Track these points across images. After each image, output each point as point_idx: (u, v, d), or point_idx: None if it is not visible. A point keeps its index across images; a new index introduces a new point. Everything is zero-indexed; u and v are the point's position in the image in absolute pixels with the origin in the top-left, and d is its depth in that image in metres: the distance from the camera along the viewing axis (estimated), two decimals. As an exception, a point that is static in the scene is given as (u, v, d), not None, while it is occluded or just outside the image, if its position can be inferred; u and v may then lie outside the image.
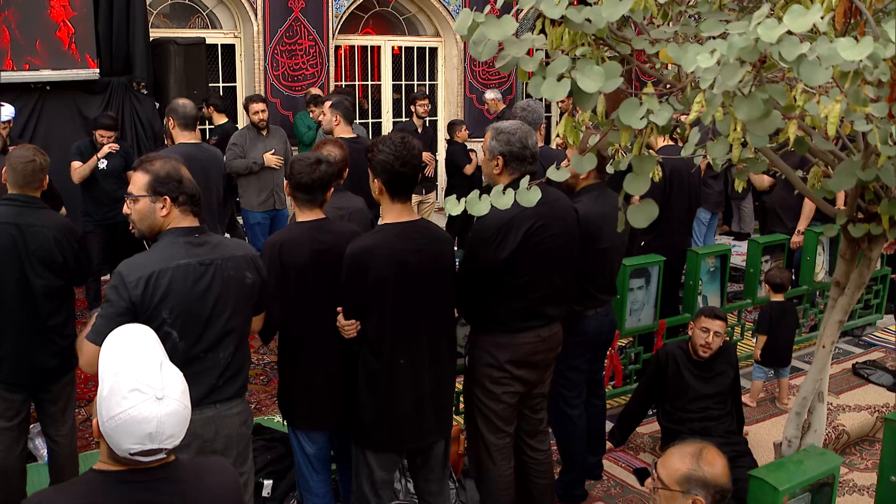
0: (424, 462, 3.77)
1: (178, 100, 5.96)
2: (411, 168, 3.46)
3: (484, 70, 12.49)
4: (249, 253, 3.33)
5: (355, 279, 3.44)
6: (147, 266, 3.03)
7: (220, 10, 10.86)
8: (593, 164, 2.45)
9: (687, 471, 2.71)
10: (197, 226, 3.20)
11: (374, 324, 3.47)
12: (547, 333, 3.87)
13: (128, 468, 2.01)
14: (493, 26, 2.14)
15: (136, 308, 2.99)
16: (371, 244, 3.46)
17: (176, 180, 3.15)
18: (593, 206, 4.20)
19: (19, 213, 4.04)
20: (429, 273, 3.50)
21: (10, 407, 4.15)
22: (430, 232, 3.61)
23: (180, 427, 2.00)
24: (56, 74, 8.77)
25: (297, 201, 3.76)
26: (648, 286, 5.68)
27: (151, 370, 2.00)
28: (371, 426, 3.58)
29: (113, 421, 1.92)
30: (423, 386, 3.55)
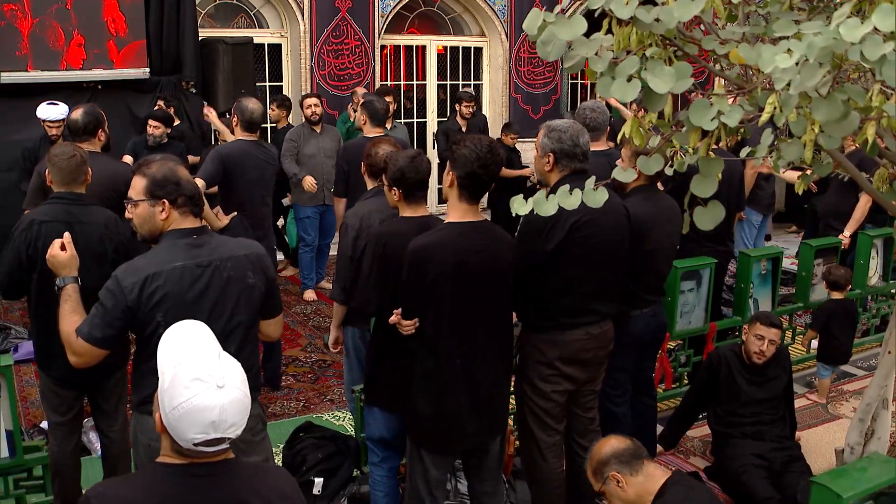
0: (480, 462, 3.76)
1: (248, 101, 5.95)
2: (488, 174, 3.43)
3: (529, 70, 12.45)
4: (254, 252, 3.24)
5: (415, 276, 3.42)
6: (142, 270, 3.01)
7: (266, 9, 10.94)
8: (660, 165, 2.43)
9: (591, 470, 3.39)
10: (197, 227, 3.15)
11: (432, 322, 3.46)
12: (597, 331, 3.86)
13: (189, 461, 2.03)
14: (562, 26, 2.13)
15: (132, 311, 2.98)
16: (432, 242, 3.45)
17: (173, 182, 3.10)
18: (642, 206, 4.19)
19: (68, 210, 4.04)
20: (488, 273, 3.48)
21: (62, 402, 4.19)
22: (492, 233, 3.59)
23: (242, 415, 2.01)
24: (107, 74, 8.89)
25: (409, 200, 3.78)
26: (699, 288, 5.62)
27: (210, 360, 2.03)
28: (427, 426, 3.58)
29: (176, 411, 1.95)
30: (479, 386, 3.54)
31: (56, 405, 4.20)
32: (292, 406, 5.88)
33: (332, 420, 5.58)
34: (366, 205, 4.31)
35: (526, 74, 12.44)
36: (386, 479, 4.07)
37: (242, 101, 5.96)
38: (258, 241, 3.71)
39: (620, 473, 3.26)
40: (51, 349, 4.10)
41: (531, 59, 12.45)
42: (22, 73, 8.49)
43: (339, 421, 5.55)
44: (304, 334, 7.35)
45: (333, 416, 5.66)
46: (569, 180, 3.66)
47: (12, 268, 4.00)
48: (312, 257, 8.37)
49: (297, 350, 6.96)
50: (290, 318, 7.75)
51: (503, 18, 12.21)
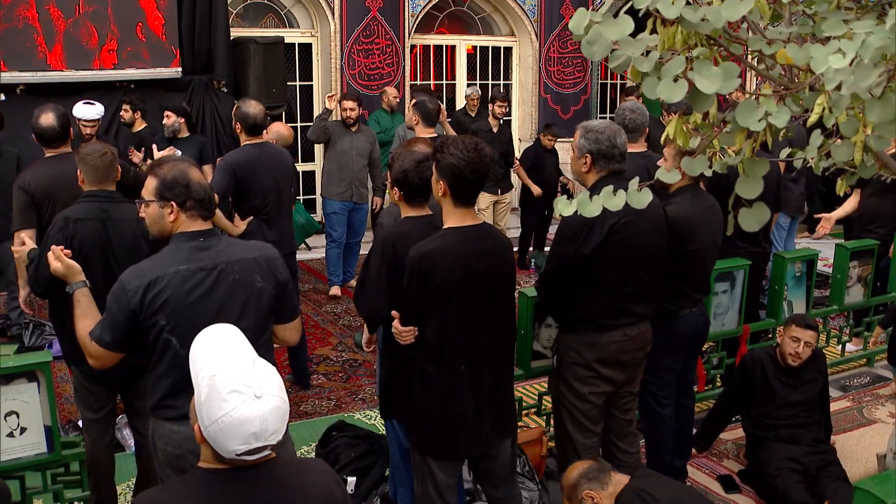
0: (489, 468, 3.67)
1: (247, 105, 5.93)
2: (480, 175, 3.35)
3: (559, 70, 12.42)
4: (264, 255, 3.20)
5: (418, 283, 3.34)
6: (146, 274, 3.00)
7: (297, 9, 10.98)
8: (704, 166, 2.41)
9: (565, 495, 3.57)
10: (204, 230, 3.13)
11: (435, 329, 3.38)
12: (635, 332, 3.84)
13: (231, 466, 2.03)
14: (609, 25, 2.11)
15: (135, 315, 2.98)
16: (435, 249, 3.36)
17: (183, 185, 3.08)
18: (687, 207, 4.17)
19: (102, 208, 4.06)
20: (493, 278, 3.42)
21: (96, 400, 4.21)
22: (493, 236, 3.53)
23: (282, 422, 1.99)
24: (139, 73, 8.96)
25: (410, 202, 3.72)
26: (733, 290, 5.58)
27: (246, 369, 2.00)
28: (430, 433, 3.51)
29: (216, 425, 1.93)
30: (483, 392, 3.46)
31: (90, 403, 4.23)
32: (323, 405, 5.89)
33: (363, 419, 5.59)
34: None
35: (555, 74, 12.41)
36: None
37: (242, 107, 5.92)
38: (276, 244, 3.70)
39: (592, 490, 3.39)
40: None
41: (561, 59, 12.42)
42: (56, 72, 8.57)
43: (371, 420, 5.56)
44: (334, 333, 7.37)
45: (365, 416, 5.66)
46: (606, 181, 3.64)
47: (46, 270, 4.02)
48: (339, 254, 8.34)
49: (327, 349, 6.98)
50: (320, 317, 7.78)
51: (533, 18, 12.19)
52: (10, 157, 6.99)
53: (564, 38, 12.39)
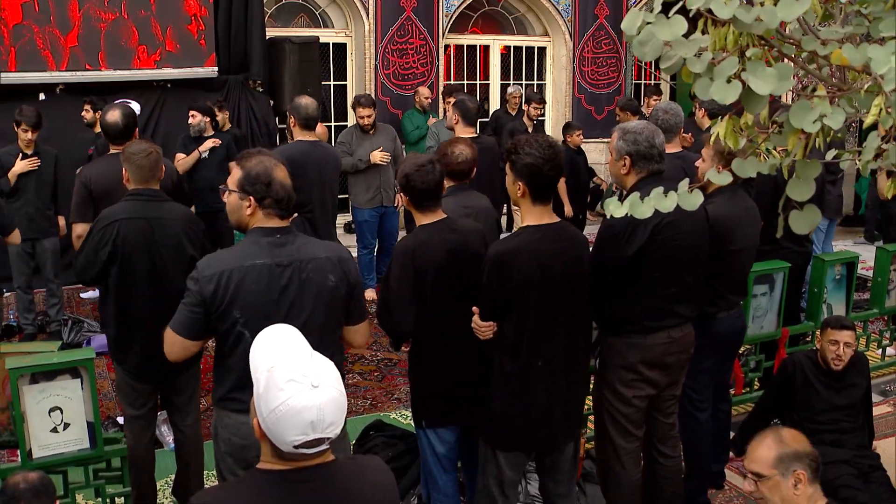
0: (554, 463, 3.75)
1: (300, 99, 6.00)
2: (558, 171, 3.43)
3: (592, 70, 12.38)
4: (336, 255, 3.23)
5: (497, 281, 3.41)
6: (222, 264, 3.04)
7: (332, 9, 11.02)
8: (755, 168, 2.38)
9: (776, 453, 2.82)
10: (281, 226, 3.15)
11: (514, 325, 3.45)
12: (679, 334, 3.82)
13: (290, 467, 2.02)
14: (662, 26, 2.10)
15: (206, 303, 3.01)
16: (515, 247, 3.44)
17: (264, 183, 3.10)
18: (726, 207, 4.15)
19: (146, 207, 4.09)
20: (570, 276, 3.48)
21: (138, 396, 4.26)
22: (570, 234, 3.59)
23: (340, 414, 1.98)
24: (176, 73, 9.05)
25: (421, 209, 3.72)
26: (772, 293, 5.53)
27: (303, 360, 2.00)
28: (503, 426, 3.58)
29: (273, 414, 1.92)
30: (558, 388, 3.53)
31: (132, 399, 4.26)
32: (359, 404, 5.90)
33: (399, 419, 5.60)
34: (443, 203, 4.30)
35: (589, 74, 12.37)
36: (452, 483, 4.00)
37: (297, 101, 5.99)
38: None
39: (806, 476, 2.93)
40: (126, 343, 4.18)
41: (595, 59, 12.38)
42: (95, 72, 8.67)
43: (406, 420, 5.56)
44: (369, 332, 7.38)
45: (400, 415, 5.67)
46: (646, 182, 3.63)
47: (89, 262, 4.07)
48: (372, 258, 8.32)
49: (362, 348, 6.99)
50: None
51: (567, 18, 12.16)
52: (48, 157, 7.07)
53: (599, 38, 12.35)
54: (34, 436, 3.79)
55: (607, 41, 12.47)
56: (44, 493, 3.05)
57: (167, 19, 8.90)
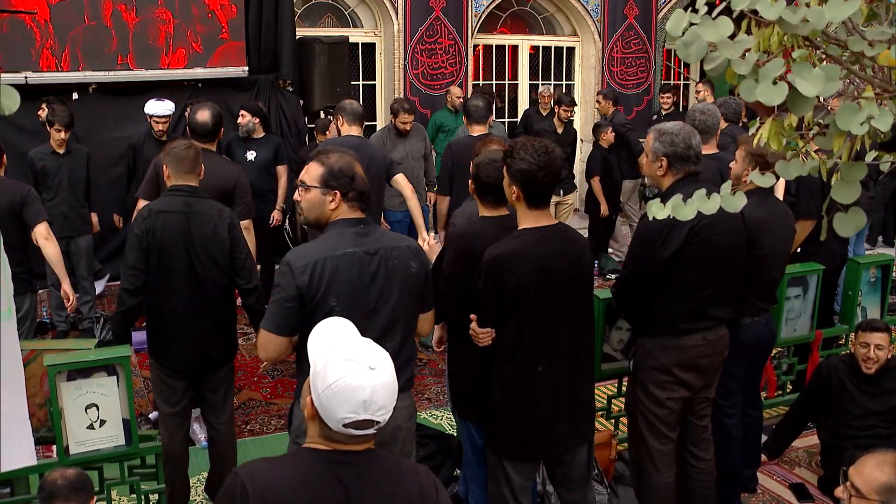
0: (565, 472, 3.66)
1: (345, 101, 6.12)
2: (552, 177, 3.35)
3: (622, 70, 12.33)
4: (413, 244, 3.32)
5: (494, 284, 3.34)
6: (314, 254, 3.08)
7: (361, 9, 11.03)
8: (799, 170, 2.36)
9: (887, 480, 2.62)
10: (363, 217, 3.23)
11: (513, 330, 3.37)
12: (714, 336, 3.79)
13: (335, 447, 2.07)
14: (708, 27, 2.08)
15: (302, 295, 3.04)
16: (512, 249, 3.35)
17: (349, 176, 3.18)
18: (755, 210, 4.10)
19: (185, 202, 4.14)
20: (570, 278, 3.41)
21: (174, 394, 4.29)
22: (569, 236, 3.52)
23: (391, 399, 2.04)
24: (207, 72, 9.08)
25: (482, 201, 3.75)
26: (806, 295, 5.48)
27: (362, 344, 2.09)
28: (506, 434, 3.51)
29: (329, 389, 1.98)
30: (561, 393, 3.44)
31: (167, 396, 4.30)
32: (390, 404, 5.90)
33: (429, 419, 5.60)
34: (473, 204, 4.30)
35: (618, 75, 12.32)
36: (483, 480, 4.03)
37: (342, 102, 6.13)
38: None
39: None
40: (162, 338, 4.21)
41: (624, 59, 12.33)
42: (126, 71, 8.73)
43: (437, 420, 5.57)
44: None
45: (431, 415, 5.68)
46: (683, 184, 3.62)
47: (138, 258, 4.10)
48: None
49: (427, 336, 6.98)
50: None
51: (596, 18, 12.11)
52: (81, 155, 7.14)
53: (628, 38, 12.30)
54: (71, 432, 3.83)
55: (636, 41, 12.41)
56: (81, 489, 3.08)
57: (197, 19, 8.94)
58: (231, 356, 4.40)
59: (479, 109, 6.19)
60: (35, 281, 5.55)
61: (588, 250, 3.62)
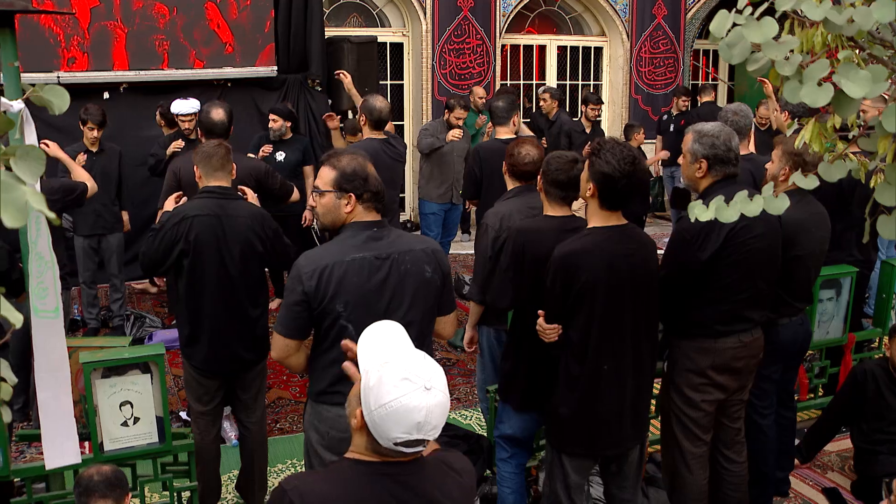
0: (619, 468, 3.70)
1: (374, 101, 6.02)
2: (633, 187, 3.36)
3: (650, 71, 12.28)
4: (430, 247, 3.27)
5: (563, 282, 3.36)
6: (322, 259, 3.07)
7: (389, 8, 11.06)
8: (843, 172, 2.34)
9: None
10: (377, 220, 3.19)
11: (580, 328, 3.40)
12: (749, 339, 3.76)
13: (383, 460, 2.03)
14: (753, 28, 2.07)
15: (309, 299, 3.04)
16: (581, 247, 3.37)
17: (361, 178, 3.15)
18: (793, 211, 4.04)
19: (218, 204, 4.14)
20: (638, 278, 3.42)
21: (206, 392, 4.31)
22: (638, 236, 3.53)
23: (443, 418, 1.99)
24: (236, 72, 9.13)
25: (548, 196, 3.76)
26: (839, 298, 5.43)
27: (418, 360, 2.01)
28: (570, 431, 3.54)
29: (383, 409, 1.93)
30: (626, 392, 3.47)
31: (200, 395, 4.32)
32: (418, 403, 5.90)
33: (458, 419, 5.60)
34: (506, 205, 4.30)
35: (647, 75, 12.27)
36: (514, 475, 4.08)
37: (370, 101, 6.01)
38: None
39: None
40: (194, 338, 4.23)
41: (652, 60, 12.28)
42: (157, 71, 8.79)
43: (466, 420, 5.56)
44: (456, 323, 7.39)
45: (460, 415, 5.67)
46: (721, 186, 3.59)
47: (156, 257, 4.12)
48: None
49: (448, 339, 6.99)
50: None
51: (624, 18, 12.07)
52: (113, 154, 7.19)
53: (656, 38, 12.25)
54: (105, 429, 3.85)
55: (665, 41, 12.36)
56: (117, 485, 3.10)
57: (227, 18, 8.99)
58: (263, 356, 4.40)
59: (500, 110, 6.16)
60: (67, 278, 5.59)
61: (655, 251, 3.60)
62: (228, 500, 4.70)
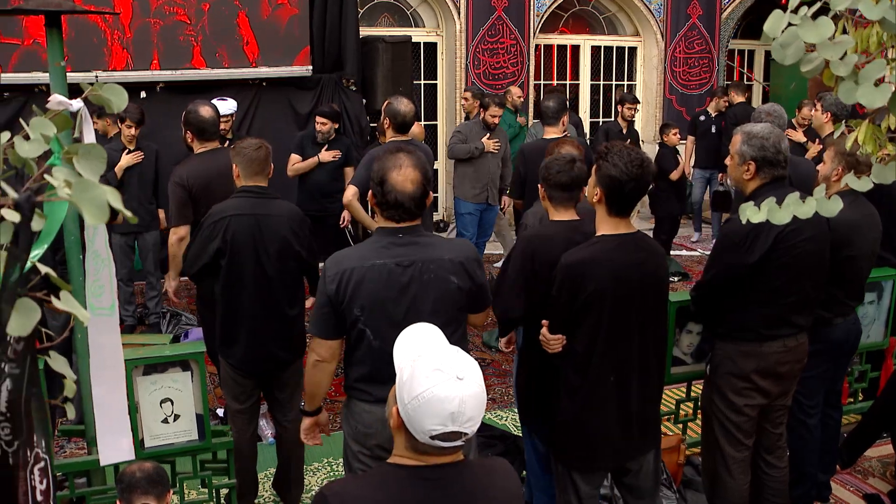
0: (632, 481, 3.58)
1: (399, 104, 5.99)
2: (640, 191, 3.26)
3: (684, 71, 12.20)
4: (461, 257, 3.17)
5: (569, 291, 3.27)
6: (343, 263, 3.07)
7: (423, 8, 11.07)
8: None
9: None
10: (405, 226, 3.12)
11: (584, 339, 3.30)
12: (794, 343, 3.72)
13: (422, 464, 2.02)
14: (809, 28, 2.04)
15: (332, 302, 3.06)
16: (589, 256, 3.27)
17: (377, 183, 3.12)
18: (846, 212, 3.99)
19: (255, 204, 4.15)
20: (647, 288, 3.32)
21: (243, 391, 4.33)
22: (647, 245, 3.42)
23: (479, 410, 1.97)
24: (271, 71, 9.16)
25: (553, 201, 3.69)
26: (880, 301, 5.36)
27: (450, 353, 2.01)
28: (573, 446, 3.45)
29: (416, 401, 1.92)
30: (631, 404, 3.36)
31: (237, 393, 4.34)
32: (453, 403, 5.89)
33: (494, 419, 5.58)
34: None
35: (681, 75, 12.20)
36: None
37: (394, 104, 5.96)
38: None
39: None
40: (231, 337, 4.25)
41: (687, 60, 12.20)
42: (192, 70, 8.85)
43: (502, 420, 5.55)
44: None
45: (496, 416, 5.65)
46: (769, 188, 3.55)
47: (196, 255, 4.15)
48: None
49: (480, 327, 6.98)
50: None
51: (659, 18, 12.01)
52: (150, 152, 7.25)
53: (691, 39, 12.17)
54: (146, 426, 3.88)
55: (699, 41, 12.27)
56: (158, 482, 3.13)
57: (261, 18, 9.03)
58: (299, 356, 4.41)
59: (550, 110, 6.16)
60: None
61: (665, 260, 3.53)
62: (265, 497, 4.72)
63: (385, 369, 2.93)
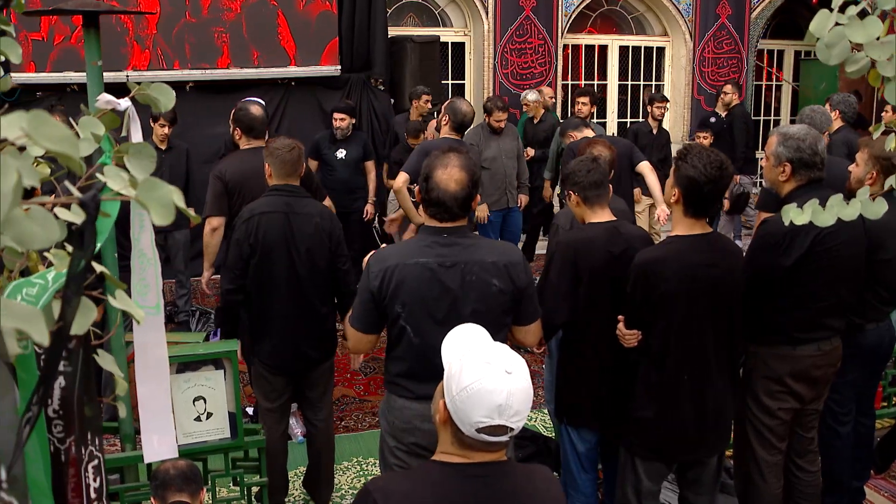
0: (696, 476, 3.65)
1: (461, 104, 6.00)
2: (719, 192, 3.29)
3: (713, 71, 12.12)
4: (504, 260, 3.14)
5: (642, 290, 3.34)
6: (387, 260, 3.09)
7: (451, 8, 11.07)
8: (940, 176, 2.28)
9: None
10: (450, 227, 3.11)
11: (659, 336, 3.37)
12: (828, 347, 3.69)
13: (468, 461, 2.01)
14: (857, 28, 2.02)
15: (374, 298, 3.08)
16: (662, 256, 3.35)
17: (423, 180, 3.13)
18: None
19: (287, 202, 4.16)
20: (720, 288, 3.35)
21: (273, 389, 4.34)
22: (722, 245, 3.45)
23: (526, 405, 1.97)
24: (300, 71, 9.20)
25: (587, 202, 3.70)
26: (914, 305, 5.30)
27: (498, 348, 2.03)
28: (646, 436, 3.51)
29: (464, 392, 1.93)
30: (706, 402, 3.42)
31: (267, 392, 4.35)
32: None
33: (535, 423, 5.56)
34: None
35: (710, 75, 12.12)
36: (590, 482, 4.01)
37: (456, 103, 6.03)
38: None
39: None
40: (262, 335, 4.26)
41: (715, 60, 12.12)
42: (221, 70, 8.90)
43: (532, 421, 5.53)
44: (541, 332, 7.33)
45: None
46: (805, 190, 3.52)
47: (237, 258, 4.17)
48: None
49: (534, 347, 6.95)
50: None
51: (687, 18, 11.94)
52: (181, 151, 7.30)
53: (720, 39, 12.09)
54: (179, 423, 3.89)
55: (728, 41, 12.19)
56: (192, 479, 3.14)
57: (291, 17, 9.07)
58: (330, 354, 4.42)
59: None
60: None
61: (741, 260, 3.53)
62: (295, 496, 4.73)
63: (424, 366, 3.00)
